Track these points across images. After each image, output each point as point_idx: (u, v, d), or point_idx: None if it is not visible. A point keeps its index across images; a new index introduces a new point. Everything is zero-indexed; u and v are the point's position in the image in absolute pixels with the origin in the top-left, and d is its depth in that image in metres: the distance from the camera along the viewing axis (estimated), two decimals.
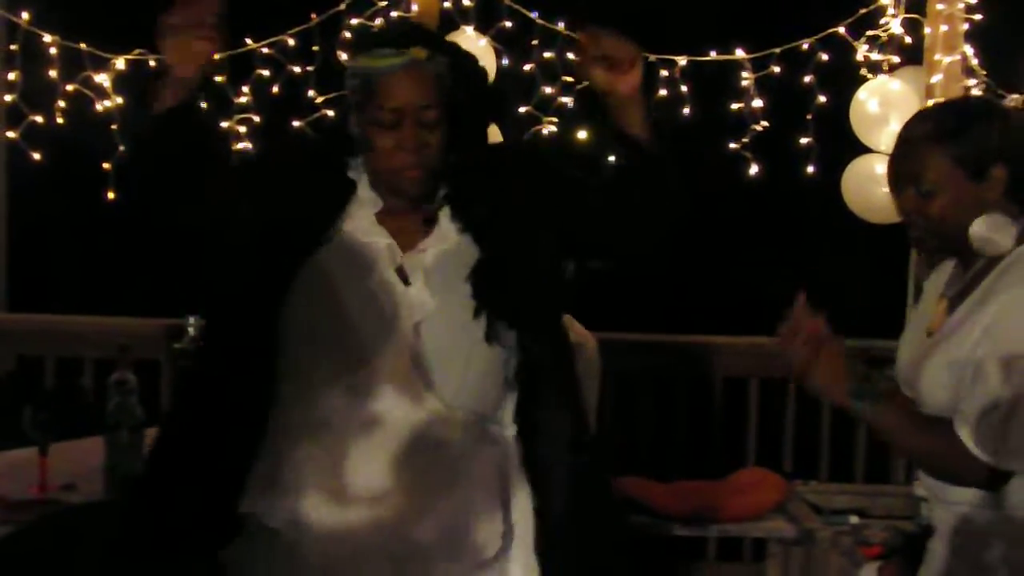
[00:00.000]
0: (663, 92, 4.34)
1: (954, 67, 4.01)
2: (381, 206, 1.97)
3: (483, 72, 2.09)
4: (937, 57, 4.01)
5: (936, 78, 4.01)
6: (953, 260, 2.19)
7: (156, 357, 4.05)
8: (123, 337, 3.34)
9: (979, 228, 2.01)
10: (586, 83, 2.03)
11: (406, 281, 1.92)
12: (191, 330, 2.70)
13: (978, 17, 4.06)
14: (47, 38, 4.40)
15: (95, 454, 2.67)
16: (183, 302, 2.70)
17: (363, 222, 1.95)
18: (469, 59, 2.03)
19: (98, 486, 2.61)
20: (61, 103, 4.43)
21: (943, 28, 3.98)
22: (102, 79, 4.40)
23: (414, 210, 1.98)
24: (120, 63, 4.42)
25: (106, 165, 4.35)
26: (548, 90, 4.33)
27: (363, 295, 1.91)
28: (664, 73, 4.33)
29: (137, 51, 4.44)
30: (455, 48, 2.03)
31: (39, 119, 4.39)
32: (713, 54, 4.34)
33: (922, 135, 2.06)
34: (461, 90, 1.95)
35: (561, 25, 4.31)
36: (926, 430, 2.01)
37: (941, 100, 2.39)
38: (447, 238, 1.96)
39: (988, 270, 2.06)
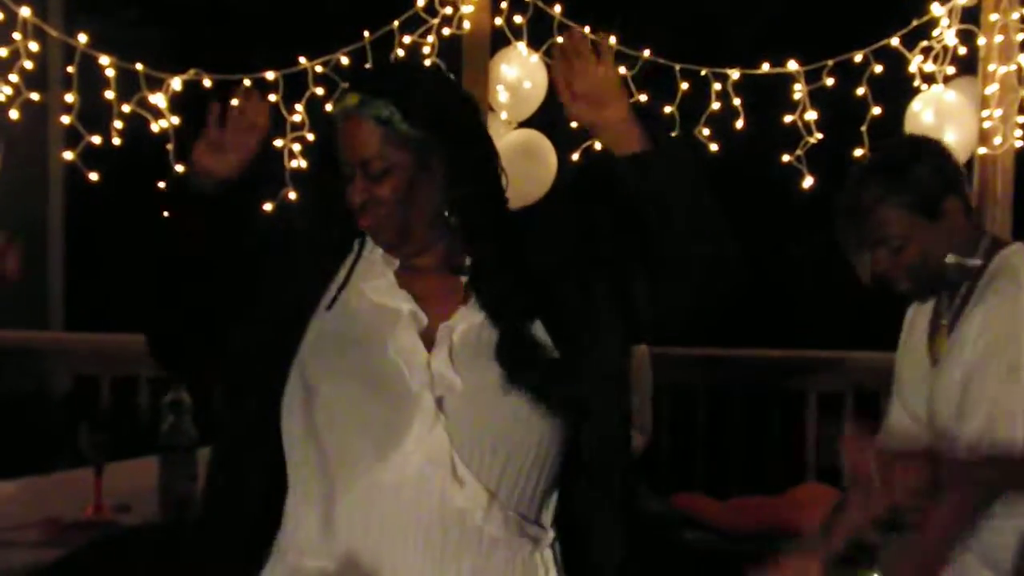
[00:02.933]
0: (716, 105, 4.31)
1: (1009, 77, 3.97)
2: (397, 265, 1.73)
3: (451, 99, 1.75)
4: (992, 67, 3.97)
5: (991, 88, 3.96)
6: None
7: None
8: None
9: (950, 260, 2.11)
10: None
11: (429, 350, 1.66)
12: None
13: None
14: (104, 59, 4.46)
15: (149, 475, 2.68)
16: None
17: (381, 282, 1.72)
18: (423, 93, 1.70)
19: (153, 507, 2.62)
20: (117, 124, 4.49)
21: (998, 38, 3.93)
22: (157, 99, 4.46)
23: (439, 271, 1.73)
24: (176, 83, 4.48)
25: (162, 184, 4.39)
26: None
27: (381, 362, 1.65)
28: (718, 87, 4.30)
29: (193, 71, 4.49)
30: (402, 84, 1.71)
31: (96, 140, 4.46)
32: (766, 67, 4.31)
33: (872, 199, 2.11)
34: (419, 130, 1.66)
35: (612, 40, 4.30)
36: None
37: (867, 158, 2.47)
38: (476, 312, 1.70)
39: (974, 286, 2.13)
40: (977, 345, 2.04)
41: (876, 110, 4.23)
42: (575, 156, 4.41)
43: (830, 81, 4.24)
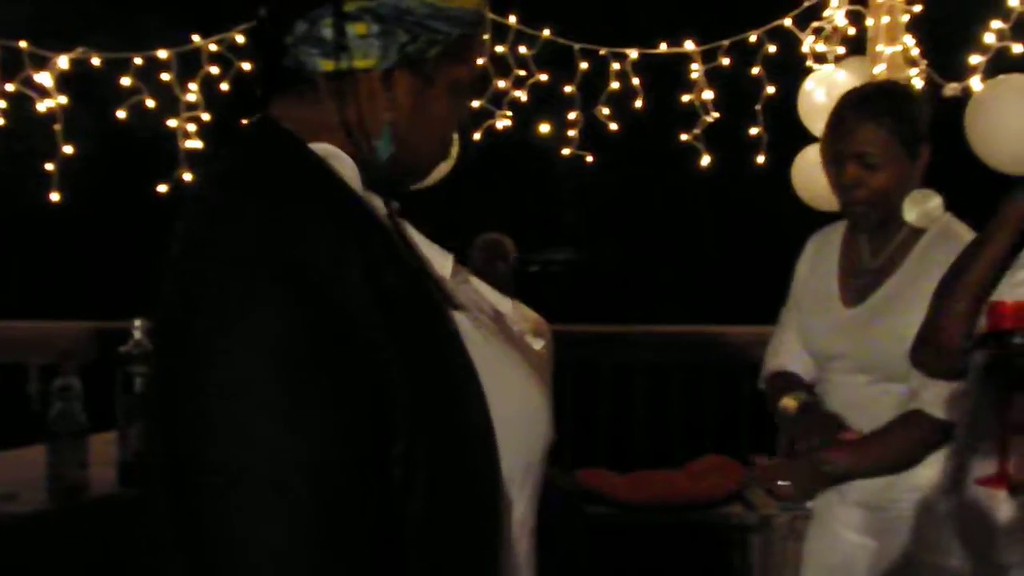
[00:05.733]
0: (616, 85, 4.34)
1: (896, 57, 4.04)
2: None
3: None
4: (879, 48, 4.04)
5: (879, 68, 4.04)
6: (836, 236, 2.37)
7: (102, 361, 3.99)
8: (66, 342, 3.28)
9: (916, 201, 2.18)
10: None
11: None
12: (136, 334, 2.64)
13: (918, 8, 4.09)
14: None
15: (39, 462, 2.60)
16: (123, 304, 2.65)
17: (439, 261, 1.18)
18: None
19: (42, 495, 2.55)
20: (1, 103, 4.35)
21: (884, 19, 4.01)
22: (43, 78, 4.32)
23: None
24: (62, 61, 4.34)
25: (49, 166, 4.28)
26: (501, 84, 4.32)
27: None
28: (616, 66, 4.33)
29: (80, 49, 4.36)
30: None
31: None
32: (664, 47, 4.35)
33: (865, 114, 2.19)
34: None
35: (513, 19, 4.29)
36: (890, 444, 2.16)
37: (869, 83, 2.57)
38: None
39: (911, 242, 2.22)
40: None
41: (770, 89, 4.31)
42: None
43: (726, 61, 4.31)
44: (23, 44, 4.31)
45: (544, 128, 4.39)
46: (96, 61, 4.35)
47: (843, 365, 2.30)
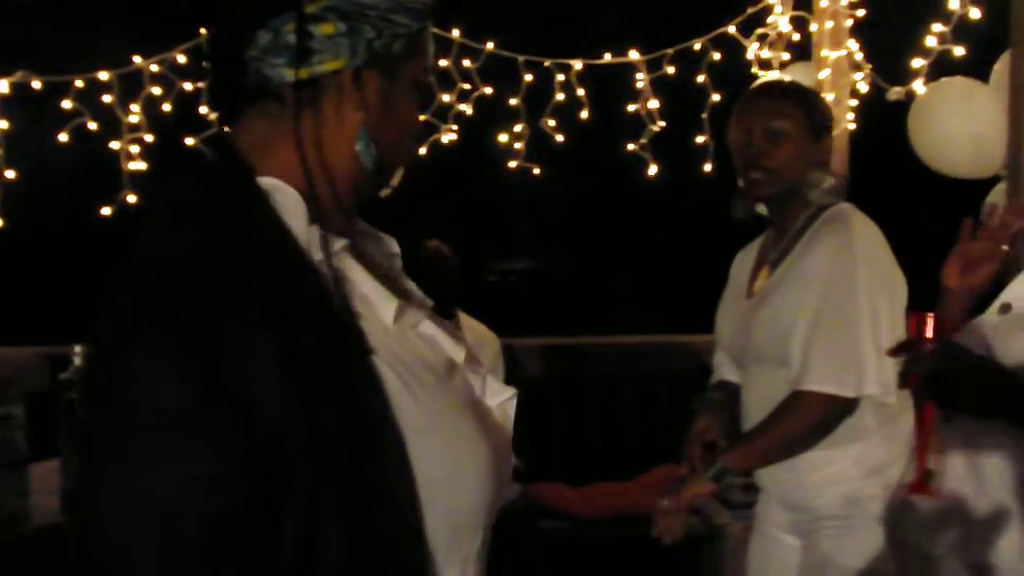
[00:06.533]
0: (561, 96, 4.35)
1: (841, 62, 4.08)
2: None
3: None
4: (824, 53, 4.07)
5: (824, 73, 4.07)
6: (755, 244, 2.45)
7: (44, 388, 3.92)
8: (8, 368, 3.21)
9: (815, 179, 2.27)
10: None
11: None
12: (76, 360, 2.60)
13: (861, 13, 4.13)
14: None
15: None
16: (68, 329, 2.61)
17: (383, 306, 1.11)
18: None
19: None
20: None
21: (828, 24, 4.04)
22: None
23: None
24: (2, 85, 4.28)
25: None
26: (446, 98, 4.31)
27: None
28: (560, 77, 4.33)
29: (21, 72, 4.31)
30: None
31: None
32: (608, 57, 4.36)
33: (779, 91, 2.34)
34: None
35: (456, 33, 4.29)
36: (774, 430, 2.18)
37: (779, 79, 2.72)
38: None
39: (806, 228, 2.28)
40: (811, 288, 2.16)
41: (716, 97, 4.33)
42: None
43: (671, 70, 4.32)
44: None
45: (491, 141, 4.39)
46: (37, 84, 4.30)
47: (748, 358, 2.33)
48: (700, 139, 4.33)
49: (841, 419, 2.15)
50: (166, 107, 4.25)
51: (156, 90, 4.25)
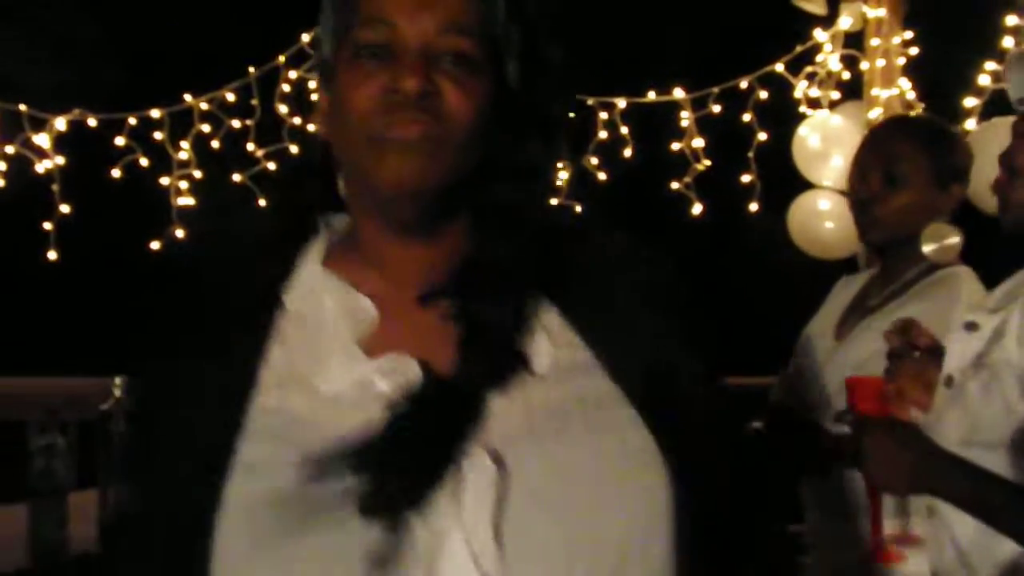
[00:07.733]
0: (604, 135, 4.35)
1: (892, 101, 4.03)
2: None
3: None
4: (875, 92, 4.03)
5: (875, 112, 4.03)
6: (862, 278, 2.26)
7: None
8: (58, 399, 3.26)
9: (934, 233, 2.05)
10: None
11: None
12: (116, 392, 2.63)
13: (914, 51, 4.08)
14: None
15: (21, 521, 2.58)
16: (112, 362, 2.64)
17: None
18: None
19: (20, 555, 2.52)
20: (1, 165, 4.39)
21: (880, 63, 4.00)
22: (41, 139, 4.37)
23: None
24: (60, 123, 4.39)
25: (47, 225, 4.31)
26: None
27: None
28: (604, 116, 4.33)
29: (77, 111, 4.41)
30: None
31: None
32: (652, 95, 4.35)
33: (903, 133, 2.12)
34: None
35: None
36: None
37: (914, 115, 2.50)
38: None
39: (915, 282, 2.10)
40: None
41: (762, 136, 4.30)
42: None
43: (716, 108, 4.30)
44: (23, 107, 4.37)
45: None
46: (92, 122, 4.40)
47: (820, 399, 2.16)
48: (746, 178, 4.30)
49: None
50: (215, 143, 4.32)
51: (205, 127, 4.33)
